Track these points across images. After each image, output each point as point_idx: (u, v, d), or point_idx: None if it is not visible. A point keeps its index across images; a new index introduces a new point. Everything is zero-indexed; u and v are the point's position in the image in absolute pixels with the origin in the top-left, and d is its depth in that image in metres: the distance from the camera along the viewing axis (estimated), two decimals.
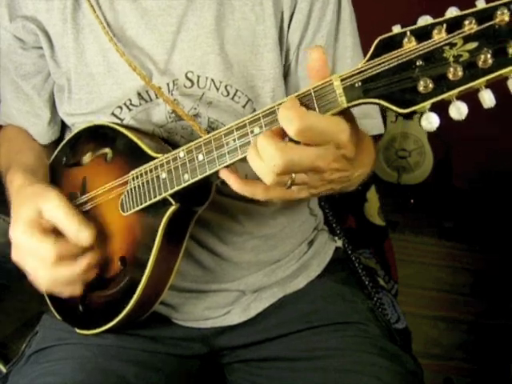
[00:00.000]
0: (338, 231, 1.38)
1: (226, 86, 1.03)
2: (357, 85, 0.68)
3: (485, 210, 3.26)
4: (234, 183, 0.80)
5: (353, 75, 0.68)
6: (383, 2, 2.98)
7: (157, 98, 1.03)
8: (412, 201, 3.31)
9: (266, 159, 0.69)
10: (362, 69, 0.67)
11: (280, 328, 1.12)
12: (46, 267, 0.89)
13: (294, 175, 0.72)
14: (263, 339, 1.12)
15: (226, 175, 0.81)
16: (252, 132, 0.76)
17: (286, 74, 1.09)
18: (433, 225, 3.25)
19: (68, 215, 0.90)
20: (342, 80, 0.69)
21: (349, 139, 0.70)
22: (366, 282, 1.36)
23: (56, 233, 0.91)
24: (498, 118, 2.47)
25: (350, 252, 1.36)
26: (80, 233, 0.89)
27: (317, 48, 0.71)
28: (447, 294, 2.74)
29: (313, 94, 0.70)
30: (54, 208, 0.90)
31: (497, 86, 0.62)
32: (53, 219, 0.90)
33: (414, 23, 0.66)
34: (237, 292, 1.14)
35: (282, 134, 0.72)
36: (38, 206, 0.91)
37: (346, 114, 0.71)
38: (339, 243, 1.33)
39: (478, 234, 3.14)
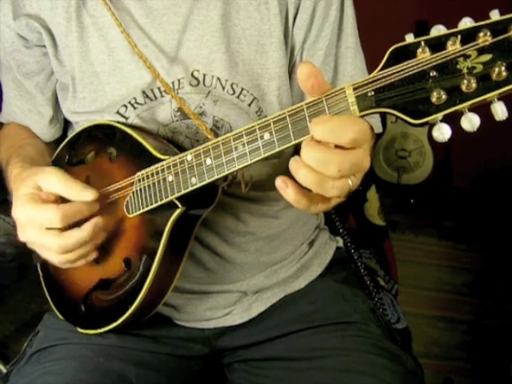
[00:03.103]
0: (341, 230, 1.39)
1: (231, 85, 1.03)
2: (369, 94, 0.67)
3: (485, 210, 3.27)
4: (291, 193, 0.73)
5: (365, 84, 0.68)
6: (384, 5, 2.98)
7: (162, 96, 1.03)
8: (412, 201, 3.32)
9: (325, 168, 0.68)
10: (375, 78, 0.67)
11: (281, 328, 1.12)
12: (54, 233, 0.88)
13: (350, 182, 0.71)
14: (264, 339, 1.12)
15: (282, 185, 0.73)
16: (262, 137, 0.75)
17: (290, 72, 1.09)
18: (433, 225, 3.25)
19: (68, 181, 0.89)
20: (354, 89, 0.69)
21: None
22: (368, 282, 1.36)
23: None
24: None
25: (352, 251, 1.36)
26: (83, 191, 0.89)
27: (305, 64, 0.70)
28: (447, 294, 2.75)
29: (324, 101, 0.70)
30: (52, 178, 0.90)
31: None
32: (52, 188, 0.90)
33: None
34: (238, 293, 1.14)
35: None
36: (35, 181, 0.90)
37: None
38: (340, 243, 1.33)
39: (478, 233, 3.15)
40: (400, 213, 3.24)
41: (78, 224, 0.91)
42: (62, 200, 0.92)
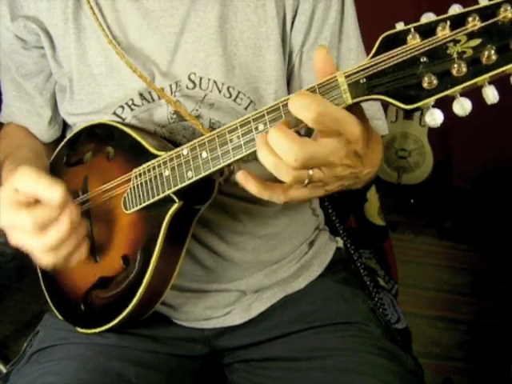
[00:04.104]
0: (341, 230, 1.39)
1: (228, 88, 1.03)
2: (361, 81, 0.68)
3: (485, 210, 3.26)
4: (253, 187, 0.77)
5: (357, 72, 0.68)
6: (383, 2, 2.99)
7: (159, 98, 1.03)
8: (412, 201, 3.31)
9: (284, 155, 0.68)
10: (367, 65, 0.68)
11: (281, 328, 1.12)
12: (31, 237, 0.86)
13: (311, 172, 0.71)
14: (264, 339, 1.12)
15: (243, 179, 0.77)
16: (256, 129, 0.76)
17: (289, 76, 1.09)
18: (433, 225, 3.24)
19: (35, 177, 0.86)
20: (346, 76, 0.69)
21: (360, 134, 0.70)
22: (368, 282, 1.36)
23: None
24: (497, 118, 2.47)
25: (352, 251, 1.36)
26: (51, 188, 0.85)
27: (320, 48, 0.71)
28: (447, 294, 2.74)
29: (317, 90, 0.71)
30: (22, 177, 0.87)
31: (497, 85, 0.63)
32: (24, 188, 0.87)
33: (416, 22, 0.66)
34: (237, 292, 1.14)
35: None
36: (12, 183, 0.88)
37: (356, 111, 0.71)
38: (340, 243, 1.33)
39: (478, 233, 3.14)
40: (400, 213, 3.22)
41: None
42: None
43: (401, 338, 1.12)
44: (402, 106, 0.65)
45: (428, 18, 0.64)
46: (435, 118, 0.64)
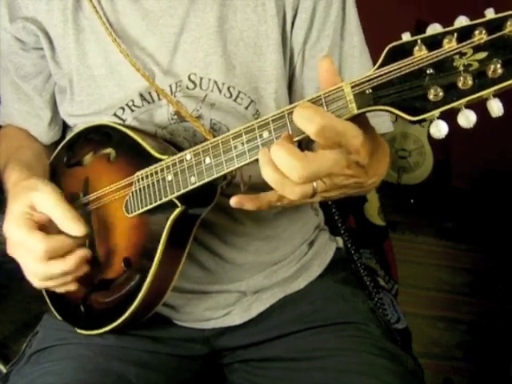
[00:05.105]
0: (343, 231, 1.39)
1: (228, 88, 1.02)
2: (367, 92, 0.68)
3: (484, 210, 3.27)
4: (250, 205, 0.79)
5: (363, 82, 0.68)
6: (383, 4, 2.98)
7: (159, 99, 1.02)
8: (412, 201, 3.32)
9: (287, 173, 0.67)
10: (373, 76, 0.67)
11: (280, 328, 1.12)
12: (36, 262, 0.89)
13: (315, 185, 0.71)
14: (264, 339, 1.12)
15: (238, 203, 0.80)
16: (261, 136, 0.75)
17: (291, 76, 1.08)
18: (433, 225, 3.25)
19: (60, 206, 0.91)
20: (352, 87, 0.69)
21: (361, 145, 0.69)
22: (368, 282, 1.36)
23: (50, 226, 0.93)
24: (497, 119, 2.47)
25: (352, 251, 1.36)
26: (73, 223, 0.90)
27: (325, 58, 0.71)
28: (447, 294, 2.75)
29: (323, 99, 0.70)
30: (46, 199, 0.91)
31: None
32: (45, 210, 0.91)
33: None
34: (237, 293, 1.14)
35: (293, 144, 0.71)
36: (31, 199, 0.91)
37: (360, 121, 0.71)
38: (340, 243, 1.33)
39: (478, 234, 3.15)
40: (400, 213, 3.24)
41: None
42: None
43: (401, 338, 1.13)
44: (408, 117, 0.65)
45: (434, 29, 0.64)
46: (440, 129, 0.64)
